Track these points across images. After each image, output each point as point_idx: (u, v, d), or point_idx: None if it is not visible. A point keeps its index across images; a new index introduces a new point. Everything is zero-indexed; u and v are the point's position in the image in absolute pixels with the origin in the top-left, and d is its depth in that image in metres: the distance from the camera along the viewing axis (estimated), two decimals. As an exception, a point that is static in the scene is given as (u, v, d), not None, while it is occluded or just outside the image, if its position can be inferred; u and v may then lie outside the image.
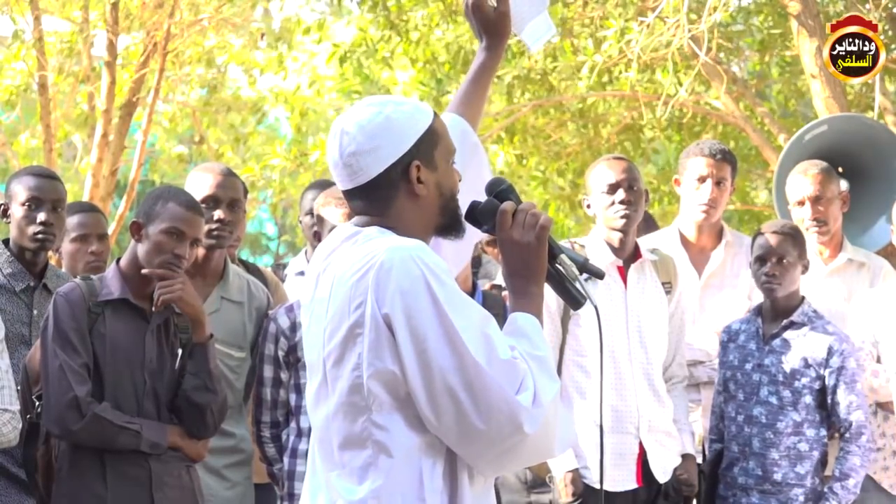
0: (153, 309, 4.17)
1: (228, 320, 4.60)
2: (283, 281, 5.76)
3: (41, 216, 4.54)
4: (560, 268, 2.74)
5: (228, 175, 4.76)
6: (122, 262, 4.19)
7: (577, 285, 2.73)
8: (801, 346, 4.82)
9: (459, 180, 2.83)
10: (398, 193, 2.74)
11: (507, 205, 2.74)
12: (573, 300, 2.75)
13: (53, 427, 4.06)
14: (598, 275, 2.75)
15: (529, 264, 2.70)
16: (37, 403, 4.16)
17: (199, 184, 4.69)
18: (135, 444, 4.06)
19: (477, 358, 2.58)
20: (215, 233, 4.62)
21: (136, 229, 4.16)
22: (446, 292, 2.60)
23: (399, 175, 2.73)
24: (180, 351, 4.20)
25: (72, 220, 4.91)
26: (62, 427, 4.03)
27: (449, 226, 2.79)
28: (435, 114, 2.81)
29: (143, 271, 4.11)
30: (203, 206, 4.35)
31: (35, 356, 4.21)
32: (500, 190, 2.82)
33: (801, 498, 4.76)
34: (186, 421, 4.19)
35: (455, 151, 2.82)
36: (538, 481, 5.09)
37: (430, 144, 2.74)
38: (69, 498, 4.06)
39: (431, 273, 2.61)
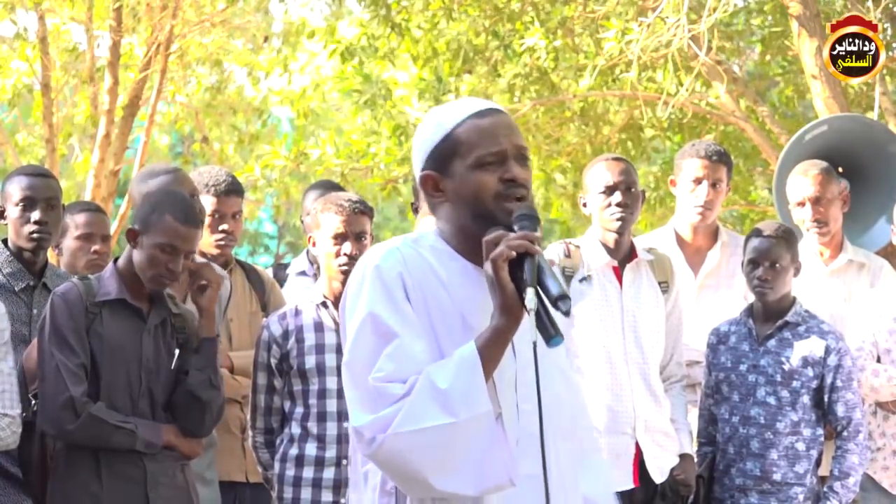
0: (187, 293, 4.21)
1: None
2: (284, 281, 5.76)
3: (35, 215, 4.53)
4: (525, 301, 2.57)
5: (175, 172, 4.86)
6: (120, 263, 4.21)
7: (536, 320, 2.55)
8: (798, 346, 4.81)
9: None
10: (431, 200, 2.81)
11: (495, 235, 2.65)
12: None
13: (49, 427, 4.08)
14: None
15: (492, 295, 2.64)
16: (33, 402, 4.17)
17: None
18: (130, 443, 4.07)
19: (346, 370, 2.69)
20: None
21: (133, 236, 4.17)
22: (369, 300, 2.68)
23: (420, 185, 2.81)
24: (177, 351, 4.22)
25: (77, 219, 4.93)
26: (57, 427, 4.05)
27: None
28: (467, 119, 2.76)
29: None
30: None
31: (32, 355, 4.23)
32: (515, 216, 2.70)
33: (801, 497, 4.76)
34: (185, 418, 4.21)
35: (495, 152, 2.73)
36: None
37: (448, 154, 2.75)
38: (64, 497, 4.08)
39: (369, 279, 2.71)
